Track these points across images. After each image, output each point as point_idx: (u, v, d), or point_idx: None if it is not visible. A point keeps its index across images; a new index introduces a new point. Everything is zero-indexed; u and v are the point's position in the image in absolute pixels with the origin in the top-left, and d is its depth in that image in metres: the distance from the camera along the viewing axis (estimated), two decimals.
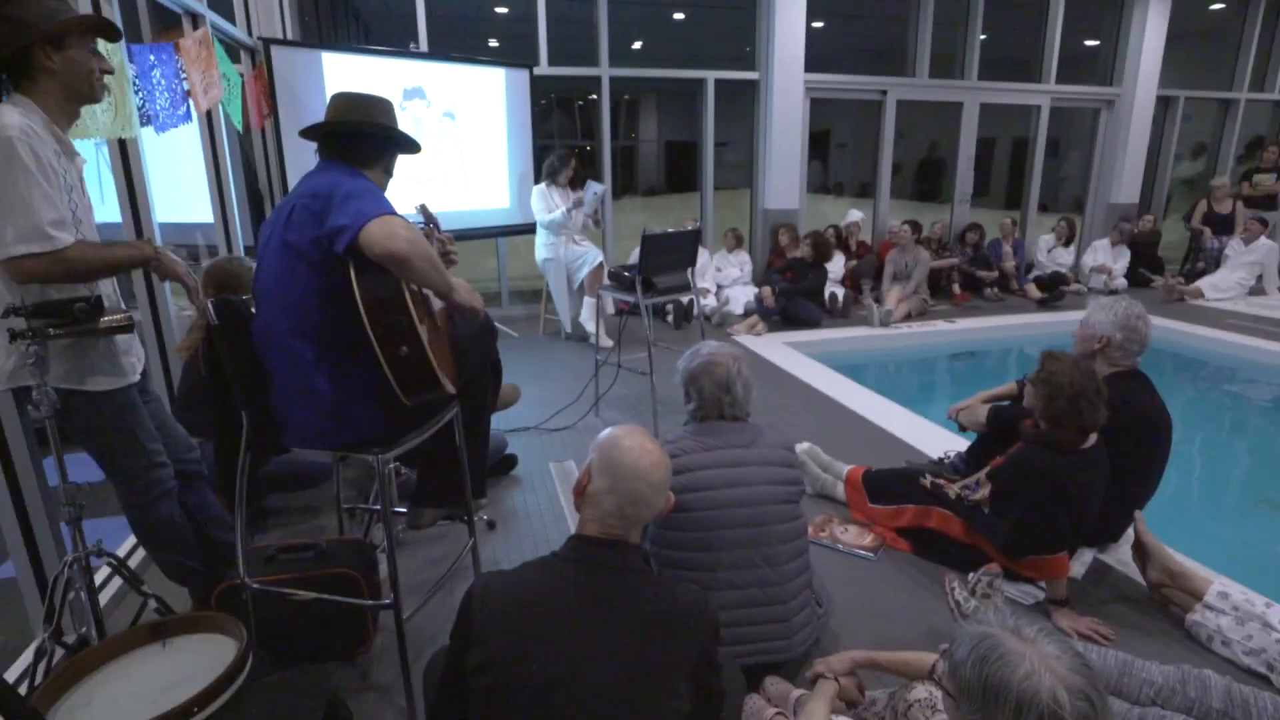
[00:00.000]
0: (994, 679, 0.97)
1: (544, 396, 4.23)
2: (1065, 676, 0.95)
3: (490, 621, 1.24)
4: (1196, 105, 8.66)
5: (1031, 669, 0.95)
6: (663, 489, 1.35)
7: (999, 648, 0.99)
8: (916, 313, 6.16)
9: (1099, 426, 2.21)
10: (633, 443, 1.33)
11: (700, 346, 1.98)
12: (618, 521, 1.29)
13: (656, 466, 1.32)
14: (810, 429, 3.61)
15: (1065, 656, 0.98)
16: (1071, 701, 0.92)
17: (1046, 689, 0.93)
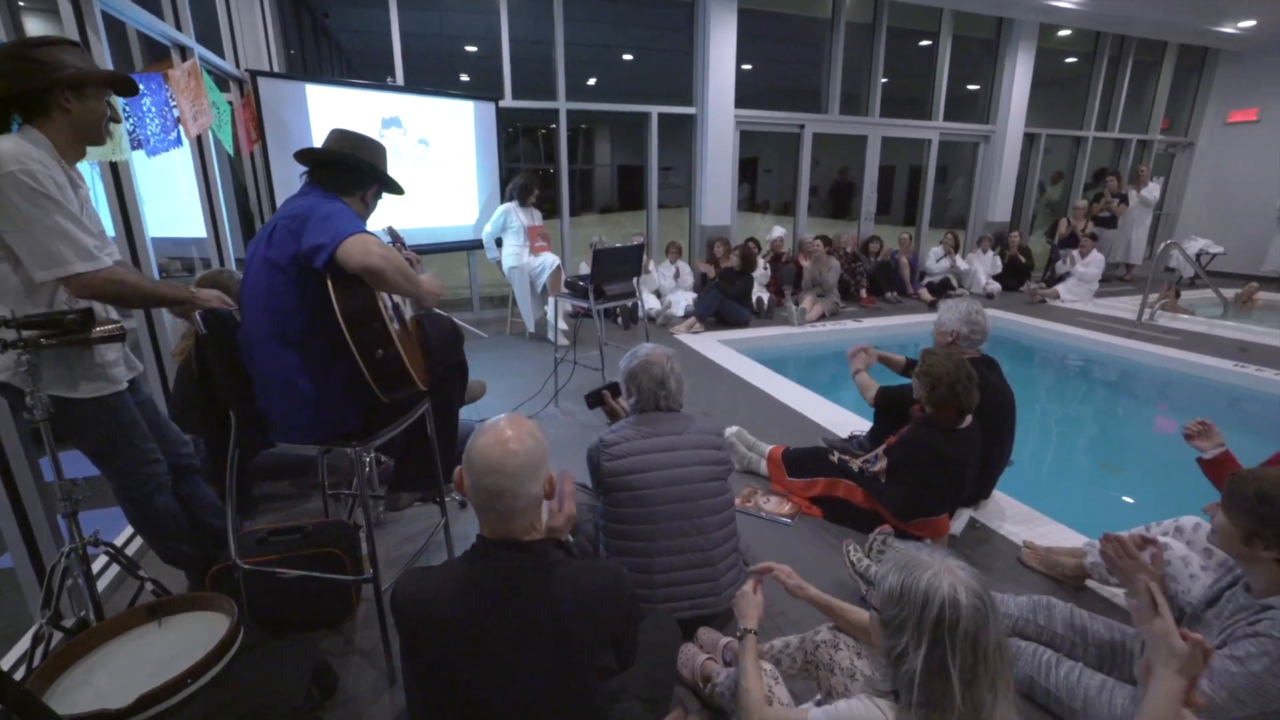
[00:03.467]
0: (908, 581, 1.01)
1: (510, 389, 4.18)
2: (964, 580, 1.00)
3: (417, 634, 1.16)
4: (1055, 140, 9.06)
5: (936, 572, 1.00)
6: (529, 474, 1.15)
7: (913, 560, 1.05)
8: (829, 313, 6.29)
9: (973, 408, 2.30)
10: (488, 438, 1.16)
11: (638, 348, 1.99)
12: (497, 519, 1.16)
13: (512, 455, 1.14)
14: (739, 414, 3.66)
15: (965, 568, 1.02)
16: (968, 597, 0.97)
17: (948, 585, 0.98)
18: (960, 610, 0.95)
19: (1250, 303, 7.19)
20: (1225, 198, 9.50)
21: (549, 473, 1.23)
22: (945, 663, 0.95)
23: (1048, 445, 4.32)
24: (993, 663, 0.96)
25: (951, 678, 0.95)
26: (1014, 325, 6.70)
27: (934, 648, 0.96)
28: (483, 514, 1.18)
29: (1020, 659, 1.76)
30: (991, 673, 0.96)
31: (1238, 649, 1.36)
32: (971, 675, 0.96)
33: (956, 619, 0.95)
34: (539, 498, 1.20)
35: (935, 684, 0.97)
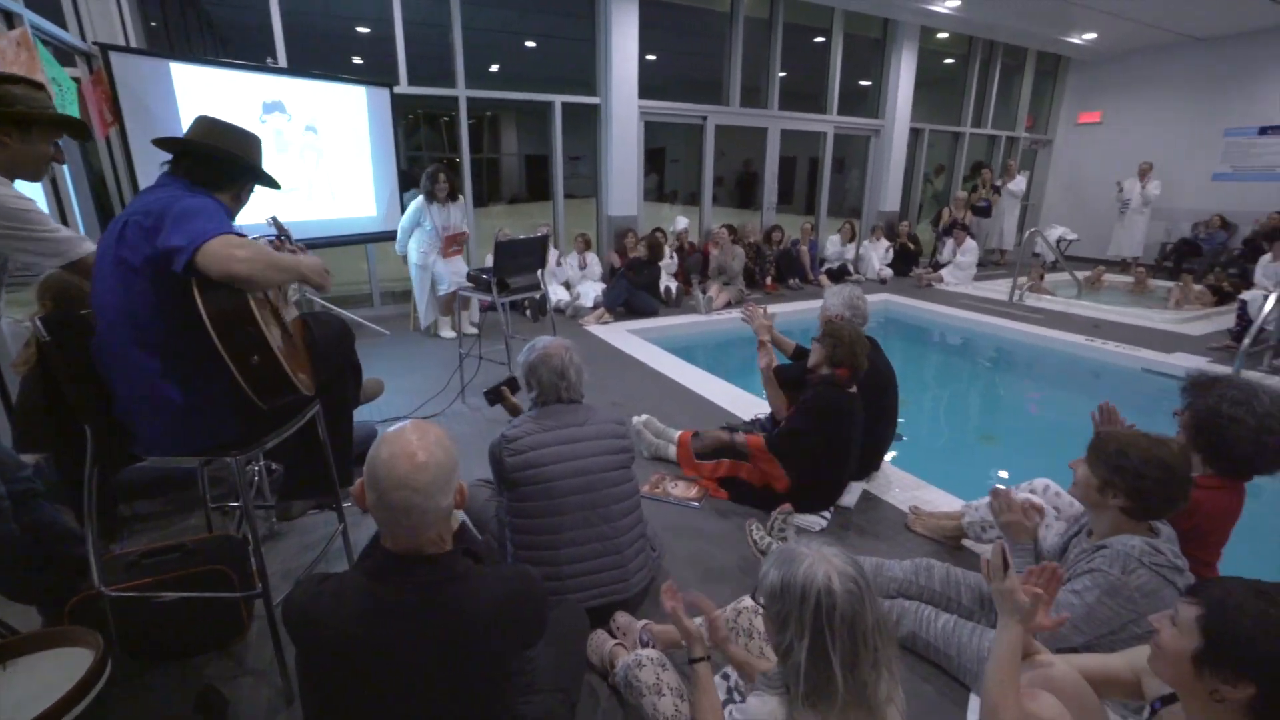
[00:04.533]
0: (787, 575, 1.06)
1: (415, 387, 4.04)
2: (839, 566, 1.05)
3: (314, 654, 1.10)
4: (937, 135, 9.72)
5: (813, 562, 1.05)
6: (441, 487, 1.09)
7: (791, 553, 1.10)
8: (735, 301, 6.43)
9: (863, 370, 2.49)
10: (393, 450, 1.08)
11: (536, 341, 1.97)
12: (404, 534, 1.09)
13: (422, 469, 1.07)
14: (649, 403, 3.72)
15: (841, 555, 1.08)
16: (842, 583, 1.02)
17: (823, 575, 1.03)
18: (835, 597, 1.01)
19: (1098, 284, 8.06)
20: (1078, 190, 10.56)
21: (460, 483, 1.18)
22: (826, 651, 1.01)
23: (935, 418, 4.67)
24: (872, 643, 1.03)
25: (833, 664, 1.00)
26: (905, 308, 7.17)
27: (816, 637, 1.01)
28: (387, 528, 1.11)
29: (905, 617, 1.92)
30: (873, 653, 1.03)
31: (1076, 584, 1.54)
32: (853, 659, 1.02)
33: (833, 606, 1.01)
34: (449, 509, 1.14)
35: (819, 672, 1.02)
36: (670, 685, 1.37)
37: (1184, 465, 1.48)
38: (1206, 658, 0.97)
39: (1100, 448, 1.55)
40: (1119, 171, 9.23)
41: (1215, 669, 0.97)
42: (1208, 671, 0.97)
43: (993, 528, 2.27)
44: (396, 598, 1.09)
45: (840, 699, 1.00)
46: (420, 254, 5.02)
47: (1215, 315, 6.47)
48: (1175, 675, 1.03)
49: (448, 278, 4.97)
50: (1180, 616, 1.02)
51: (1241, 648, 0.94)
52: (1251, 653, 0.93)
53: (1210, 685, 0.97)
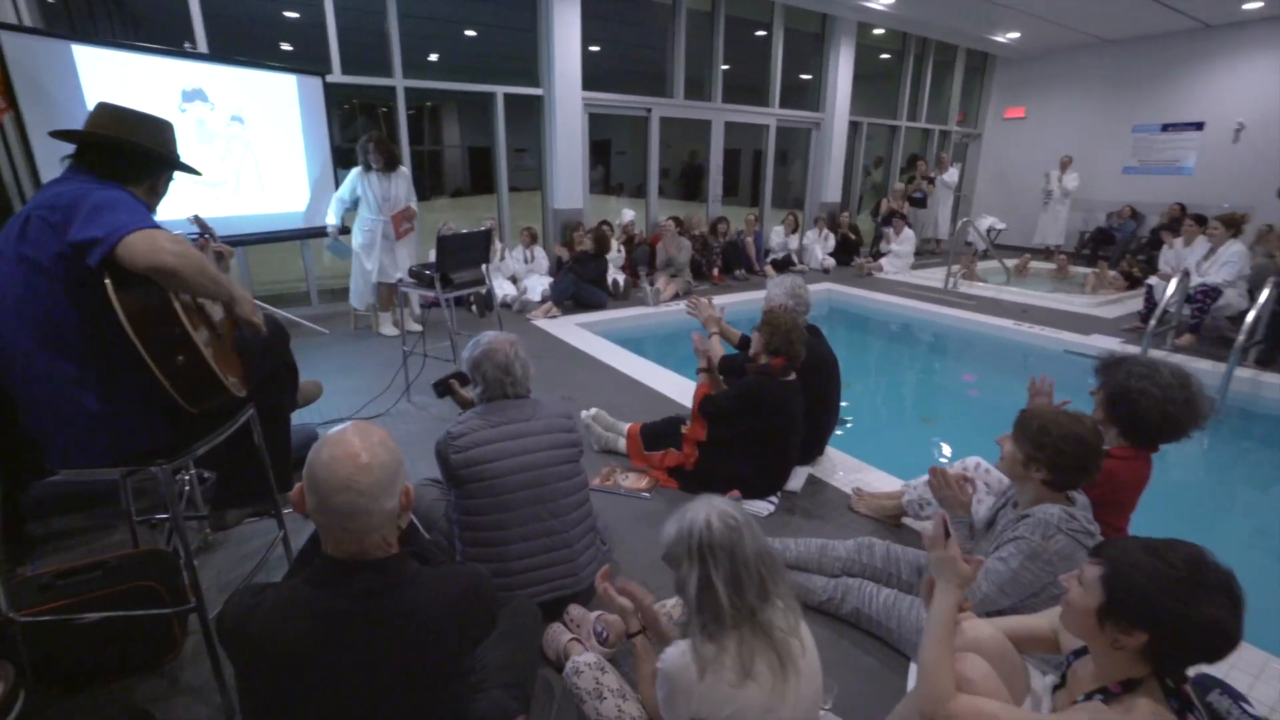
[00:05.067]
0: (680, 523, 1.23)
1: (357, 388, 3.92)
2: (719, 509, 1.22)
3: (255, 669, 1.05)
4: (875, 129, 10.01)
5: (697, 510, 1.22)
6: (385, 489, 1.06)
7: (684, 510, 1.25)
8: (682, 292, 6.49)
9: (799, 361, 2.55)
10: (334, 452, 1.04)
11: (480, 336, 1.95)
12: (347, 539, 1.05)
13: (365, 471, 1.03)
14: (599, 396, 3.72)
15: (728, 504, 1.24)
16: (719, 520, 1.19)
17: (704, 516, 1.20)
18: (713, 532, 1.17)
19: (1025, 271, 8.49)
20: (1006, 181, 11.08)
21: (406, 484, 1.16)
22: (710, 576, 1.16)
23: (877, 402, 4.84)
24: (755, 570, 1.18)
25: (717, 588, 1.15)
26: (847, 297, 7.39)
27: (701, 566, 1.17)
28: (329, 533, 1.07)
29: (849, 594, 2.00)
30: (755, 579, 1.17)
31: (1002, 551, 1.64)
32: (736, 583, 1.16)
33: (712, 539, 1.17)
34: (395, 512, 1.11)
35: (708, 598, 1.16)
36: (611, 687, 1.39)
37: (1097, 440, 1.59)
38: (1108, 611, 1.06)
39: (1024, 425, 1.65)
40: (1043, 164, 9.73)
41: (1115, 620, 1.05)
42: (1109, 623, 1.06)
43: (930, 505, 2.37)
44: (341, 606, 1.05)
45: (729, 620, 1.15)
46: (364, 231, 4.75)
47: (1127, 299, 6.92)
48: (1082, 628, 1.11)
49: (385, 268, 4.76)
50: (1085, 576, 1.10)
51: (1135, 600, 1.02)
52: (1144, 604, 1.02)
53: (1111, 635, 1.06)
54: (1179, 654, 1.04)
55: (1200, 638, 1.00)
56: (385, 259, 4.79)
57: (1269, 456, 4.03)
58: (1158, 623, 1.01)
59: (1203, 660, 1.05)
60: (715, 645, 1.17)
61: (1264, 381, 4.48)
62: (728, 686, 1.15)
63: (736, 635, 1.17)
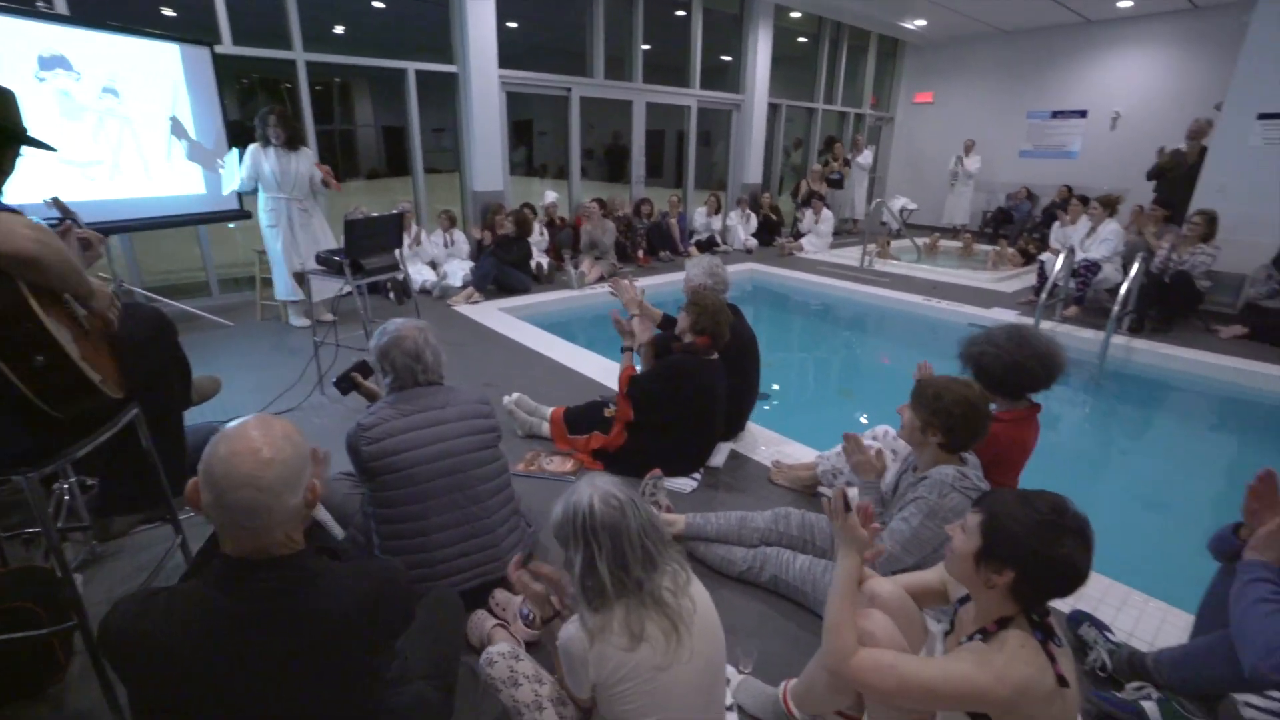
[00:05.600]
0: (565, 505, 1.26)
1: (266, 381, 3.72)
2: (602, 489, 1.25)
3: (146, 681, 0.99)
4: (794, 111, 10.26)
5: (582, 491, 1.26)
6: (289, 485, 1.02)
7: (570, 490, 1.29)
8: (607, 274, 6.46)
9: (723, 341, 2.61)
10: (234, 446, 1.00)
11: (388, 324, 1.89)
12: (247, 536, 1.01)
13: (268, 466, 0.99)
14: (522, 381, 3.68)
15: (613, 483, 1.28)
16: (602, 501, 1.23)
17: (587, 497, 1.24)
18: (596, 514, 1.21)
19: (935, 249, 8.97)
20: (917, 163, 11.64)
21: (312, 480, 1.11)
22: (594, 557, 1.20)
23: (798, 377, 5.02)
24: (638, 545, 1.22)
25: (600, 568, 1.20)
26: (769, 276, 7.59)
27: (585, 548, 1.21)
28: (227, 531, 1.02)
29: (768, 563, 2.08)
30: (640, 554, 1.22)
31: (904, 512, 1.76)
32: (620, 560, 1.21)
33: (594, 520, 1.21)
34: (300, 508, 1.07)
35: (592, 576, 1.21)
36: (526, 673, 1.40)
37: (984, 403, 1.73)
38: (983, 554, 1.16)
39: (921, 394, 1.76)
40: (950, 147, 10.27)
41: (988, 562, 1.16)
42: (983, 565, 1.16)
43: (843, 474, 2.50)
44: (242, 607, 1.01)
45: (613, 594, 1.20)
46: (270, 214, 4.43)
47: (1023, 274, 7.44)
48: (962, 571, 1.22)
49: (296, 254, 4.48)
50: (968, 524, 1.21)
51: (1006, 542, 1.13)
52: (1012, 545, 1.13)
53: (985, 576, 1.16)
54: (1040, 589, 1.16)
55: (1057, 574, 1.12)
56: (292, 244, 4.50)
57: (1140, 414, 4.47)
58: (1023, 562, 1.12)
59: (1059, 594, 1.16)
60: (602, 616, 1.22)
61: (1135, 347, 4.95)
62: (619, 651, 1.20)
63: (623, 605, 1.22)
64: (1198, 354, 4.75)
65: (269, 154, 4.30)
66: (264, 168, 4.29)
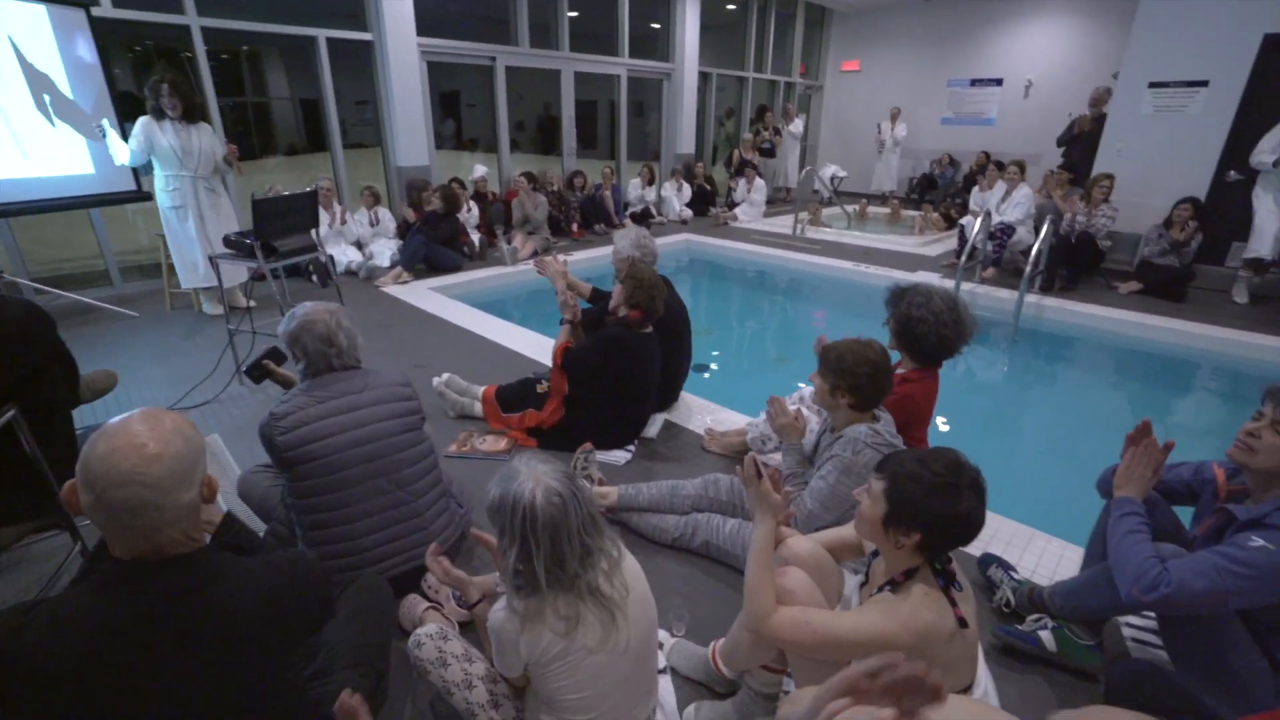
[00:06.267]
0: (503, 491, 1.20)
1: (179, 374, 3.52)
2: (546, 484, 1.20)
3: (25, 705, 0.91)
4: (725, 79, 10.25)
5: (524, 481, 1.20)
6: (180, 481, 0.97)
7: (512, 471, 1.23)
8: (541, 250, 6.38)
9: (659, 314, 2.62)
10: (114, 443, 0.94)
11: (296, 309, 1.80)
12: (136, 537, 0.95)
13: (155, 461, 0.94)
14: (454, 362, 3.60)
15: (554, 474, 1.23)
16: (545, 497, 1.18)
17: (529, 491, 1.18)
18: (537, 510, 1.17)
19: (864, 216, 9.23)
20: (846, 131, 11.87)
21: (207, 475, 1.06)
22: (531, 555, 1.17)
23: (735, 346, 5.11)
24: (577, 542, 1.21)
25: (535, 565, 1.18)
26: (705, 246, 7.64)
27: (522, 544, 1.18)
28: (115, 534, 0.96)
29: (699, 529, 2.13)
30: (578, 551, 1.21)
31: (822, 470, 1.83)
32: (558, 557, 1.19)
33: (535, 518, 1.17)
34: (195, 504, 1.02)
35: (527, 570, 1.19)
36: (455, 653, 1.39)
37: (884, 360, 1.81)
38: (890, 520, 1.23)
39: (826, 359, 1.83)
40: (877, 115, 10.51)
41: (895, 526, 1.22)
42: (891, 529, 1.23)
43: (771, 439, 2.57)
44: (135, 612, 0.95)
45: (544, 587, 1.19)
46: (171, 194, 4.11)
47: (946, 238, 7.75)
48: (872, 534, 1.28)
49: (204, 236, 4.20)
50: (873, 490, 1.26)
51: (911, 508, 1.20)
52: (917, 510, 1.20)
53: (893, 539, 1.23)
54: (944, 544, 1.25)
55: (959, 529, 1.21)
56: (201, 226, 4.21)
57: (1050, 368, 4.77)
58: (928, 523, 1.20)
59: (960, 545, 1.24)
60: (533, 602, 1.21)
61: (1045, 305, 5.26)
62: (553, 635, 1.20)
63: (556, 594, 1.21)
64: (1100, 309, 5.09)
65: (165, 128, 3.98)
66: (161, 143, 3.97)
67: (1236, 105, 5.53)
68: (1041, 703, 1.65)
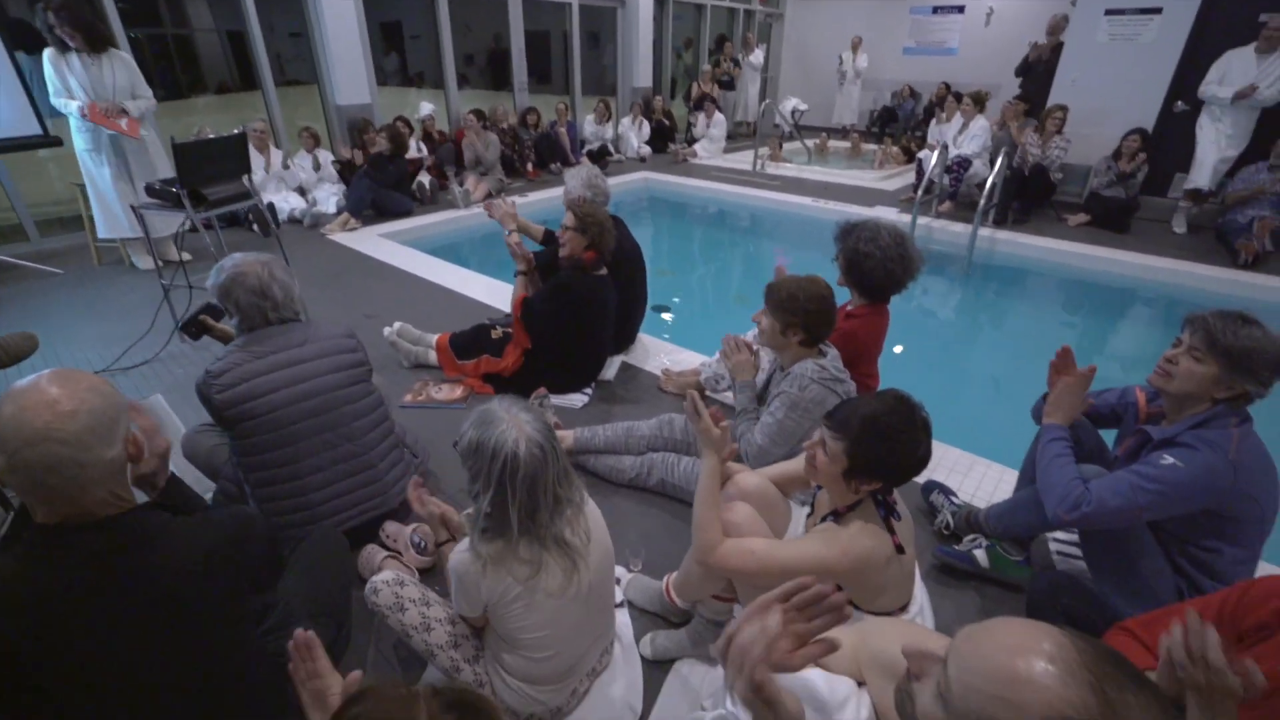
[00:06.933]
0: (483, 436, 1.18)
1: (113, 333, 3.37)
2: (528, 433, 1.19)
3: None
4: (681, 8, 9.82)
5: (505, 427, 1.18)
6: (101, 437, 0.95)
7: (491, 415, 1.21)
8: (494, 191, 6.18)
9: (609, 253, 2.59)
10: (22, 402, 0.91)
11: (224, 261, 1.72)
12: (57, 499, 0.94)
13: (69, 417, 0.92)
14: (406, 310, 3.52)
15: (534, 422, 1.22)
16: (527, 448, 1.17)
17: (512, 439, 1.17)
18: (520, 461, 1.16)
19: (824, 150, 9.15)
20: (806, 62, 11.60)
21: (130, 431, 1.03)
22: (506, 503, 1.18)
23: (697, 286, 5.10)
24: (551, 494, 1.21)
25: (510, 512, 1.18)
26: (664, 184, 7.50)
27: (498, 492, 1.17)
28: (31, 496, 0.94)
29: (655, 468, 2.18)
30: (550, 502, 1.22)
31: (771, 406, 1.87)
32: (531, 507, 1.20)
33: (517, 468, 1.16)
34: (120, 462, 0.99)
35: (498, 516, 1.20)
36: (412, 598, 1.41)
37: (831, 293, 1.84)
38: (851, 473, 1.28)
39: (775, 299, 1.84)
40: (838, 45, 10.26)
41: (856, 478, 1.28)
42: (852, 480, 1.29)
43: (724, 379, 2.61)
44: (66, 577, 0.94)
45: (515, 533, 1.20)
46: (86, 134, 3.80)
47: (906, 172, 7.75)
48: (830, 485, 1.34)
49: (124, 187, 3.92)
50: (830, 449, 1.29)
51: (869, 462, 1.25)
52: (879, 464, 1.25)
53: (854, 487, 1.29)
54: (900, 483, 1.32)
55: (913, 470, 1.28)
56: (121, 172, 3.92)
57: (1000, 302, 4.90)
58: (890, 472, 1.27)
59: (911, 478, 1.30)
60: (499, 546, 1.22)
61: (998, 239, 5.36)
62: (514, 579, 1.23)
63: (524, 541, 1.22)
64: (1049, 242, 5.21)
65: (71, 61, 3.63)
66: (69, 81, 3.63)
67: (1187, 34, 5.55)
68: (975, 615, 1.78)
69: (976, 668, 0.61)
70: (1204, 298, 4.39)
